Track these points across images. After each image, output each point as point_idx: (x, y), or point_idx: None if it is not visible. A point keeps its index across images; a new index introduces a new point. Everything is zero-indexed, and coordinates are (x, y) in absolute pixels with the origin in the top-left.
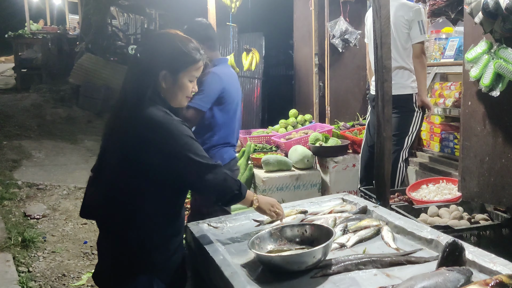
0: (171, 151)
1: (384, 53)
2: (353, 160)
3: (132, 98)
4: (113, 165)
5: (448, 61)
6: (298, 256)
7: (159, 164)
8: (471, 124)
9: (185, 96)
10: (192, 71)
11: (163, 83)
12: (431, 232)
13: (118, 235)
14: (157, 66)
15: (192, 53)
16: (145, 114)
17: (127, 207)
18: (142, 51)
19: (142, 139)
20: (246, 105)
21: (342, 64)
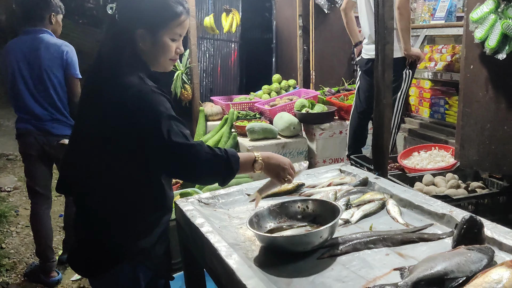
0: (144, 128)
1: (386, 12)
2: (340, 127)
3: (108, 63)
4: (88, 138)
5: (438, 22)
6: (304, 236)
7: (132, 141)
8: (472, 90)
9: (168, 59)
10: (173, 28)
11: (141, 44)
12: (442, 206)
13: (96, 217)
14: (134, 24)
15: (172, 6)
16: (118, 82)
17: (105, 187)
18: (118, 8)
19: (115, 110)
20: (223, 70)
21: (328, 26)
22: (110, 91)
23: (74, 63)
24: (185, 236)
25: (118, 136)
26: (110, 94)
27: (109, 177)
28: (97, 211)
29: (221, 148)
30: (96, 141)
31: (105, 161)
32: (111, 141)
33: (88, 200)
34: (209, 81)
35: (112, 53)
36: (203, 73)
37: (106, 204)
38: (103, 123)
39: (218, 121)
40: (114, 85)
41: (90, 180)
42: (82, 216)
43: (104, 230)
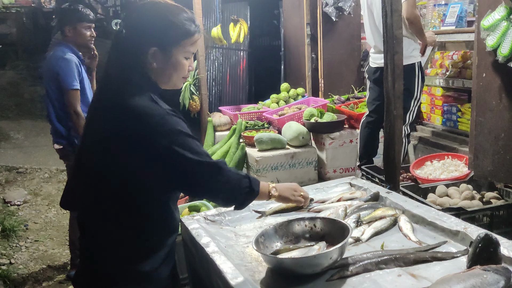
0: (161, 149)
1: (394, 22)
2: (350, 136)
3: (117, 83)
4: (94, 160)
5: (449, 28)
6: (313, 258)
7: (148, 166)
8: (486, 98)
9: (180, 77)
10: (186, 46)
11: (154, 62)
12: (456, 223)
13: (97, 239)
14: (145, 43)
15: (185, 24)
16: (130, 104)
17: (107, 210)
18: (126, 25)
19: (126, 133)
20: (232, 79)
21: (336, 33)
22: (122, 114)
23: (65, 75)
24: (191, 255)
25: (129, 161)
26: (122, 118)
27: (113, 200)
28: (97, 233)
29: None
30: (103, 164)
31: (110, 185)
32: (120, 165)
33: (90, 221)
34: (218, 90)
35: (121, 73)
36: (212, 81)
37: (107, 227)
38: (111, 147)
39: (226, 131)
40: (126, 108)
41: (93, 203)
42: (84, 236)
43: (105, 253)
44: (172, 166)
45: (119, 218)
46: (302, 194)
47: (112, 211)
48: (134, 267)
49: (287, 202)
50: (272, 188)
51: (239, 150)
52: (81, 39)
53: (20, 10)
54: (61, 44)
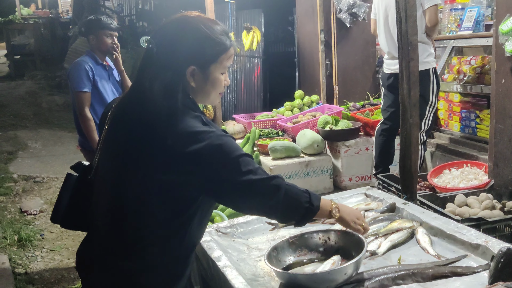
0: (223, 175)
1: (409, 28)
2: (366, 144)
3: (154, 102)
4: (118, 173)
5: (466, 33)
6: (327, 274)
7: (203, 190)
8: (505, 105)
9: (218, 93)
10: (223, 62)
11: (192, 81)
12: (476, 235)
13: (113, 261)
14: (182, 61)
15: (221, 39)
16: (182, 128)
17: (129, 234)
18: (159, 43)
19: (181, 158)
20: (247, 86)
21: (350, 40)
22: (171, 137)
23: (73, 78)
24: (203, 268)
25: (173, 180)
26: (171, 140)
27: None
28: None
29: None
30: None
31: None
32: (160, 183)
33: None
34: (233, 97)
35: (162, 92)
36: (227, 89)
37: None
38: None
39: (240, 139)
40: (175, 132)
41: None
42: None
43: (116, 273)
44: (233, 187)
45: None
46: (363, 225)
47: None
48: None
49: (345, 226)
50: (334, 207)
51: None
52: (103, 46)
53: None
54: (88, 53)
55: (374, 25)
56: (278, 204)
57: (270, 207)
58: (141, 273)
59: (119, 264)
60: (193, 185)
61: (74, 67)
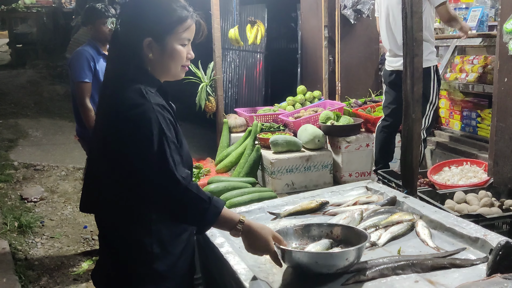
0: (135, 149)
1: (415, 24)
2: (367, 140)
3: (113, 79)
4: (101, 158)
5: (469, 33)
6: (329, 255)
7: (128, 163)
8: (507, 103)
9: (179, 65)
10: (181, 33)
11: (150, 53)
12: (476, 229)
13: (114, 237)
14: (139, 35)
15: (176, 10)
16: (119, 99)
17: (118, 207)
18: (121, 22)
19: (116, 128)
20: (249, 81)
21: (354, 36)
22: (112, 108)
23: (74, 68)
24: (205, 255)
25: (123, 157)
26: (111, 112)
27: (122, 201)
28: (111, 232)
29: (209, 195)
30: (108, 163)
31: (115, 184)
32: (119, 162)
33: (103, 221)
34: (235, 92)
35: (117, 68)
36: (229, 83)
37: (117, 227)
38: (111, 143)
39: (242, 133)
40: (115, 103)
41: (104, 203)
42: (100, 235)
43: (120, 253)
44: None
45: (129, 218)
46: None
47: (121, 210)
48: (150, 266)
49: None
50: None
51: (254, 152)
52: (102, 35)
53: (40, 10)
54: (89, 42)
55: (378, 23)
56: (169, 201)
57: (164, 200)
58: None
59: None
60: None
61: (76, 56)
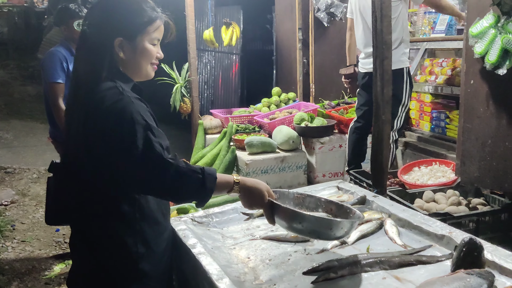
0: (119, 140)
1: (384, 27)
2: (340, 141)
3: (86, 80)
4: (76, 158)
5: (438, 36)
6: (324, 219)
7: (111, 156)
8: (473, 105)
9: (149, 64)
10: (151, 33)
11: (121, 53)
12: (441, 227)
13: (96, 238)
14: (110, 35)
15: (147, 11)
16: (97, 97)
17: (101, 209)
18: (90, 23)
19: (98, 126)
20: (224, 82)
21: (327, 39)
22: (90, 108)
23: (47, 68)
24: (178, 257)
25: (99, 155)
26: (90, 111)
27: (96, 199)
28: (92, 234)
29: (199, 166)
30: (84, 163)
31: (93, 183)
32: (95, 160)
33: (81, 223)
34: (210, 93)
35: (88, 67)
36: (204, 85)
37: (100, 228)
38: (86, 143)
39: (217, 134)
40: (93, 101)
41: (85, 207)
42: (76, 238)
43: (103, 254)
44: (126, 160)
45: (113, 218)
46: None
47: (98, 210)
48: (135, 266)
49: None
50: (236, 188)
51: (230, 153)
52: (75, 35)
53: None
54: (60, 43)
55: (351, 23)
56: (166, 184)
57: (162, 186)
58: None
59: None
60: (108, 156)
61: (48, 57)
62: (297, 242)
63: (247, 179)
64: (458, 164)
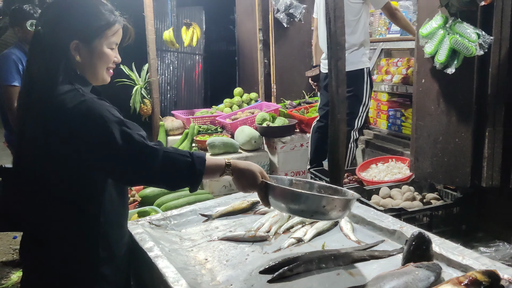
0: (93, 140)
1: (338, 28)
2: (301, 140)
3: (41, 82)
4: (32, 161)
5: (394, 36)
6: (323, 198)
7: (81, 159)
8: (425, 103)
9: (105, 68)
10: (109, 37)
11: (77, 56)
12: (393, 222)
13: (54, 246)
14: (65, 37)
15: (105, 15)
16: (58, 99)
17: (61, 213)
18: (44, 23)
19: (62, 129)
20: (188, 83)
21: (288, 40)
22: (50, 111)
23: (1, 71)
24: (136, 261)
25: (63, 157)
26: (50, 115)
27: (64, 208)
28: (52, 238)
29: (187, 150)
30: (42, 166)
31: (52, 185)
32: (56, 163)
33: (39, 228)
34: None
35: (43, 71)
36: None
37: (60, 232)
38: (46, 145)
39: (179, 135)
40: (53, 104)
41: (42, 214)
42: (31, 243)
43: (64, 258)
44: (107, 156)
45: (66, 222)
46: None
47: (59, 214)
48: (96, 270)
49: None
50: (227, 170)
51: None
52: (29, 37)
53: None
54: (14, 44)
55: (317, 23)
56: (156, 172)
57: (149, 175)
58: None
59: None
60: (73, 156)
61: (2, 59)
62: (255, 241)
63: (239, 162)
64: (412, 161)
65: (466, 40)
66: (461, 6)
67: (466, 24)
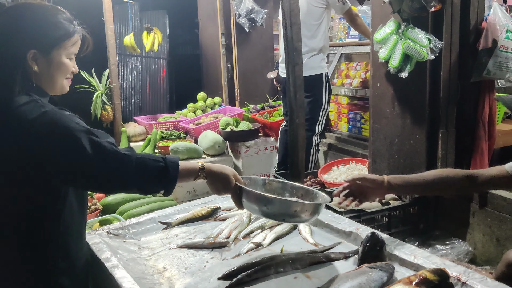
0: (59, 151)
1: (294, 34)
2: (265, 144)
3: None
4: None
5: (353, 41)
6: (293, 203)
7: (51, 170)
8: (381, 106)
9: (64, 78)
10: (68, 47)
11: (35, 66)
12: (349, 224)
13: (11, 258)
14: (22, 46)
15: (64, 24)
16: (16, 111)
17: (18, 224)
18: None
19: (23, 142)
20: (152, 87)
21: (250, 44)
22: (8, 123)
23: None
24: (93, 272)
25: (23, 169)
26: (9, 126)
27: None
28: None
29: (160, 155)
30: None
31: (7, 198)
32: (15, 175)
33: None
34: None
35: (0, 81)
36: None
37: (16, 244)
38: (1, 157)
39: (141, 141)
40: (12, 116)
41: None
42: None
43: (22, 269)
44: (77, 166)
45: (24, 234)
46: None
47: (15, 226)
48: (55, 282)
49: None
50: (201, 175)
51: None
52: None
53: None
54: None
55: None
56: (130, 178)
57: (123, 182)
58: None
59: None
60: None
61: None
62: (215, 248)
63: (213, 165)
64: (370, 162)
65: (418, 45)
66: (413, 12)
67: (417, 30)
